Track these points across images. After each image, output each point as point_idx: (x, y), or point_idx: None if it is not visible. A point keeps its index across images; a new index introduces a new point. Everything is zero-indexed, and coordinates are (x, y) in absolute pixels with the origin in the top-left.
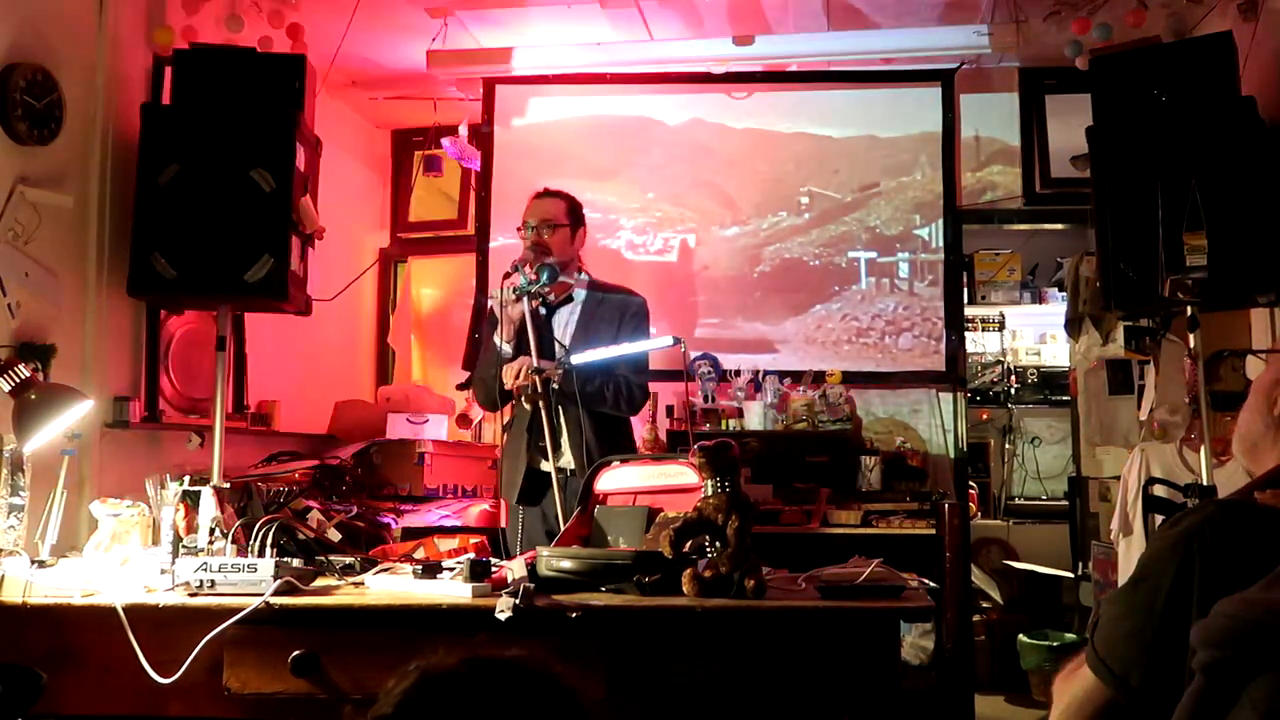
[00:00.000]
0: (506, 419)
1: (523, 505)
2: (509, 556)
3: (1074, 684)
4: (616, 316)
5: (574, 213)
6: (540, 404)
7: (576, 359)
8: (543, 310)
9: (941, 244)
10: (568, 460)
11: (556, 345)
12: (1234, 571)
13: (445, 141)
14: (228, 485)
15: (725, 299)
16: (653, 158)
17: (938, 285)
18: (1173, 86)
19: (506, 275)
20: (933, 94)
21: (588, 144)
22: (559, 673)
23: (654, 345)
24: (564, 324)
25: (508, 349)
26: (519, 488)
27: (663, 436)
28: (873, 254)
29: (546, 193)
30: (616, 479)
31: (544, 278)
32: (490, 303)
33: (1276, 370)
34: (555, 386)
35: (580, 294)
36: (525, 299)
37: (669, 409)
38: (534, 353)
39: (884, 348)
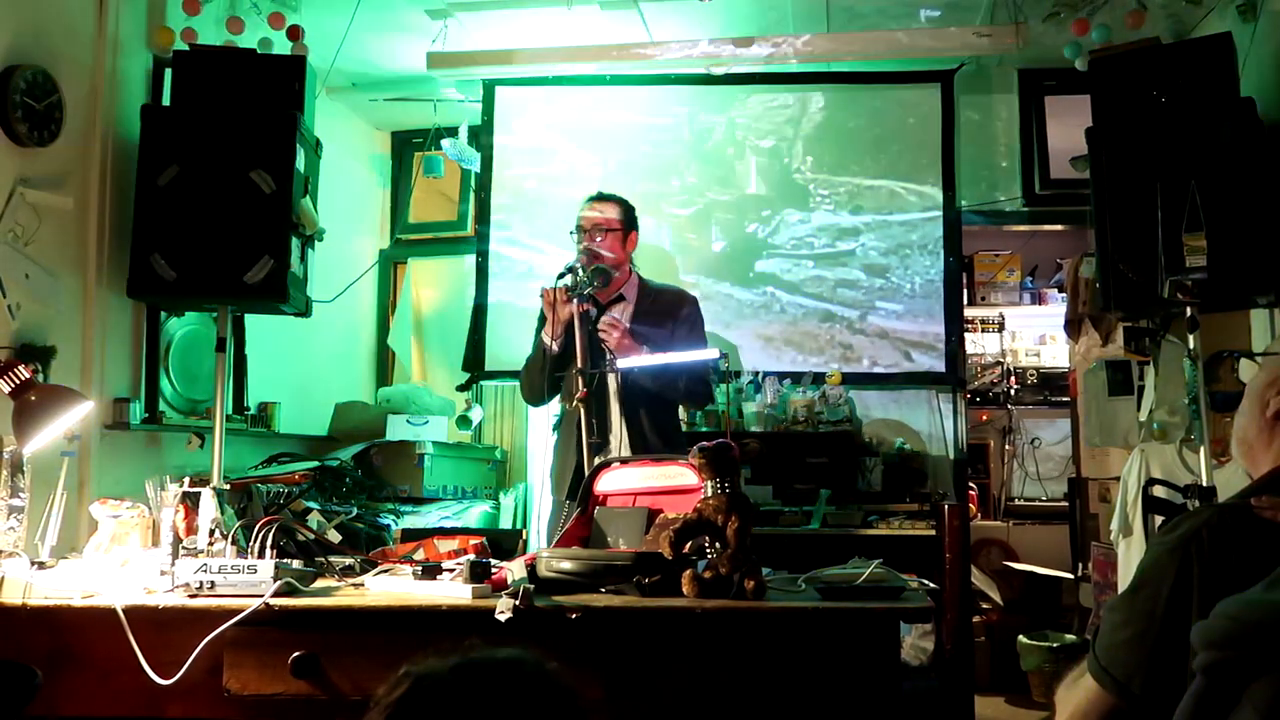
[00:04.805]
0: (556, 416)
1: (571, 501)
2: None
3: (1077, 692)
4: (669, 316)
5: (627, 216)
6: (583, 403)
7: (623, 363)
8: (593, 311)
9: (937, 234)
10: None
11: (604, 347)
12: (1233, 576)
13: (445, 143)
14: (228, 487)
15: (726, 299)
16: (652, 159)
17: (937, 282)
18: (1172, 87)
19: (560, 276)
20: (933, 95)
21: (587, 145)
22: (554, 672)
23: (697, 357)
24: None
25: (556, 347)
26: (569, 484)
27: None
28: (872, 253)
29: (600, 196)
30: (616, 480)
31: (597, 281)
32: (557, 288)
33: (1270, 373)
34: (607, 362)
35: (631, 293)
36: (575, 300)
37: None
38: (579, 354)
39: (885, 348)
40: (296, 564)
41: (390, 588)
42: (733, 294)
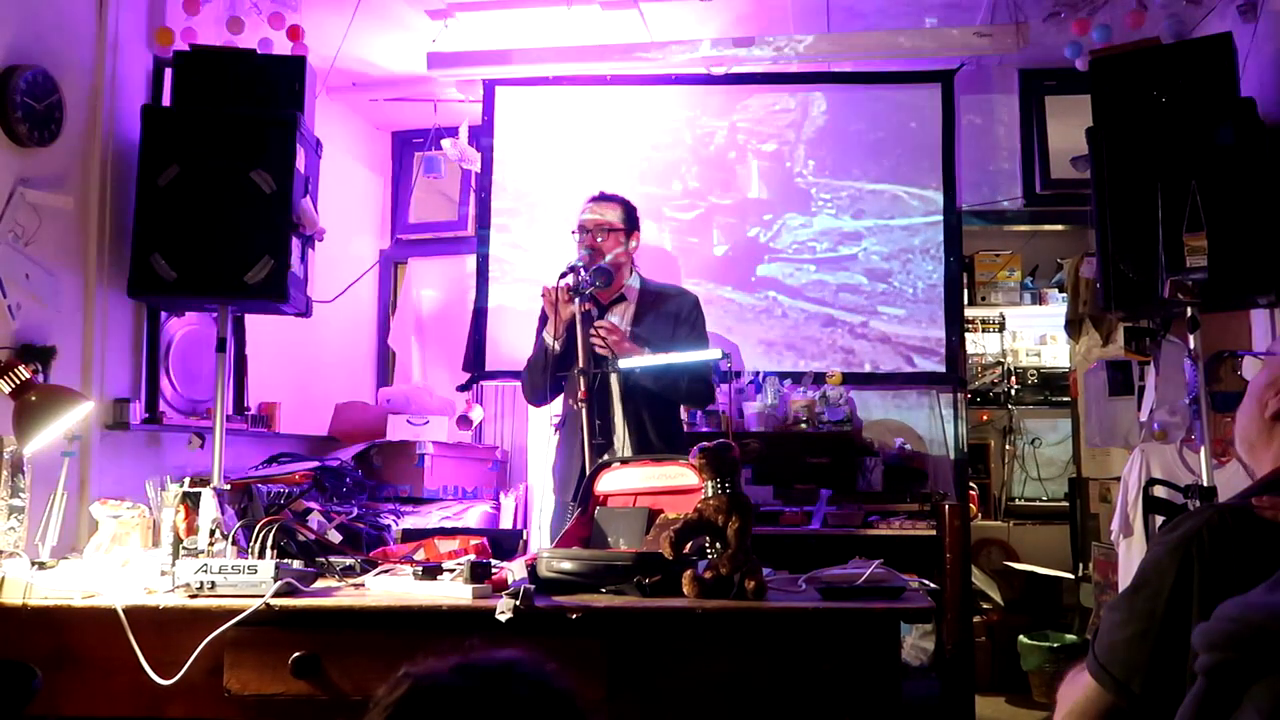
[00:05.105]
0: (559, 416)
1: (575, 502)
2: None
3: (1075, 690)
4: (671, 315)
5: (629, 216)
6: (584, 403)
7: (625, 363)
8: (595, 311)
9: (939, 239)
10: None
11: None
12: (1233, 576)
13: (445, 143)
14: (228, 487)
15: (728, 303)
16: (653, 159)
17: (938, 287)
18: (1172, 87)
19: (562, 275)
20: (933, 94)
21: (587, 145)
22: (554, 673)
23: (699, 357)
24: (617, 324)
25: (557, 346)
26: (573, 487)
27: None
28: (874, 257)
29: (603, 196)
30: (617, 480)
31: (598, 281)
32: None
33: (1269, 374)
34: (606, 352)
35: (633, 294)
36: (577, 300)
37: None
38: (581, 354)
39: (887, 353)
40: (297, 564)
41: (391, 588)
42: (734, 298)
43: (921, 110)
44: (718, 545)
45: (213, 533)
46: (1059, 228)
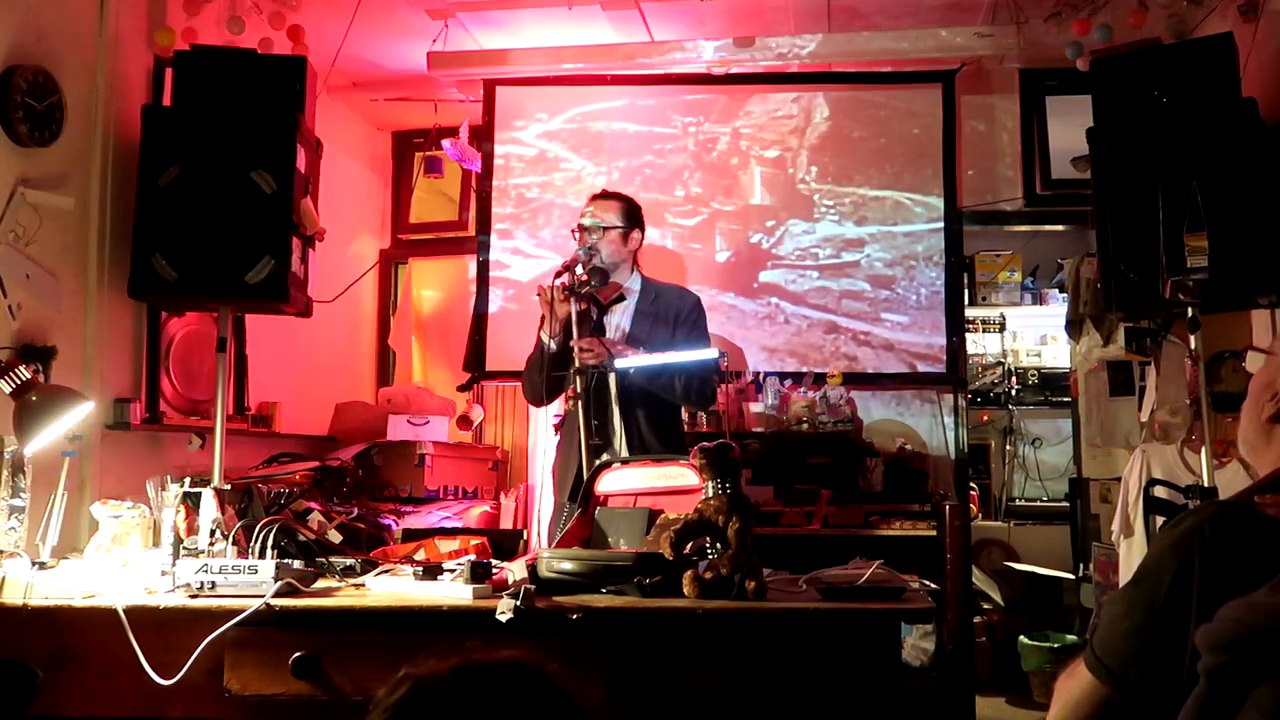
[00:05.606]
0: (559, 416)
1: (573, 503)
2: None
3: (1072, 683)
4: (672, 315)
5: (629, 215)
6: (581, 403)
7: (621, 363)
8: (594, 311)
9: (942, 245)
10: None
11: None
12: (1234, 572)
13: (446, 143)
14: (228, 487)
15: (730, 309)
16: (657, 168)
17: (939, 287)
18: (1173, 88)
19: (558, 274)
20: (934, 97)
21: (590, 154)
22: (554, 673)
23: (696, 357)
24: (617, 323)
25: (554, 345)
26: (570, 486)
27: None
28: (876, 261)
29: (604, 194)
30: (617, 480)
31: (594, 280)
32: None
33: (1266, 376)
34: (599, 366)
35: (633, 293)
36: (573, 299)
37: None
38: (577, 354)
39: (890, 360)
40: (297, 564)
41: (391, 588)
42: (736, 304)
43: (924, 116)
44: (718, 545)
45: (213, 533)
46: (1060, 228)
